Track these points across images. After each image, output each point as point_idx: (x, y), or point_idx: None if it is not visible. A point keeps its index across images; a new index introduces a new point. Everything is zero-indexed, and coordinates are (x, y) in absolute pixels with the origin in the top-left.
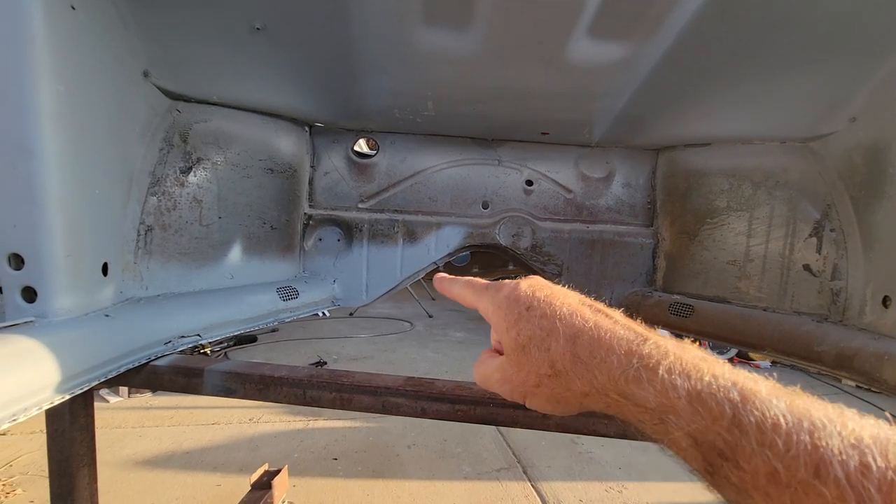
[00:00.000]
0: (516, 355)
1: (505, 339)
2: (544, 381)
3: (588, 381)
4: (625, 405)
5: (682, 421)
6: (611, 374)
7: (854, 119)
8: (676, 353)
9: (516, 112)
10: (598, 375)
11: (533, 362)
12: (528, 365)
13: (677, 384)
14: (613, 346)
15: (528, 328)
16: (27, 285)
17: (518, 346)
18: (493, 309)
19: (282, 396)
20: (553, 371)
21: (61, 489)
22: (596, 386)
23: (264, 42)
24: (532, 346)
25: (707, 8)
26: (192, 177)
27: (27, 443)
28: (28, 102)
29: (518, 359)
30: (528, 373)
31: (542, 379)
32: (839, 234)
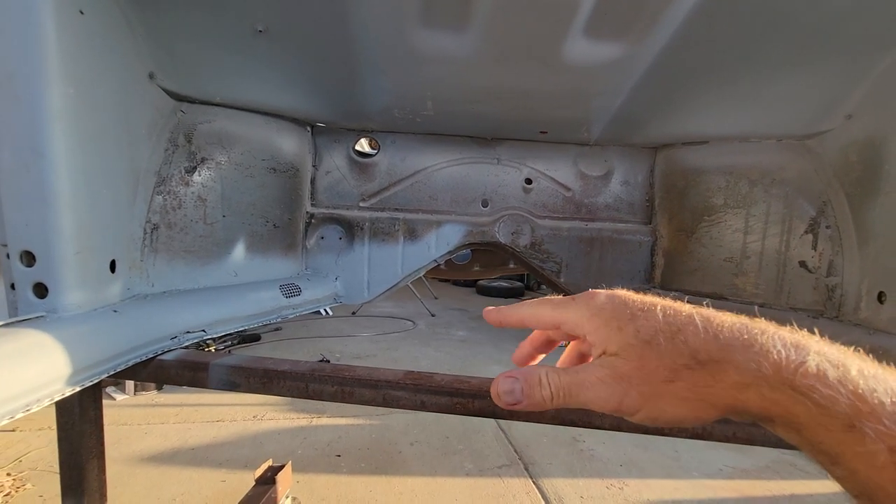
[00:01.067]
0: (639, 349)
1: (617, 337)
2: (682, 375)
3: (750, 371)
4: (797, 405)
5: (883, 430)
6: (782, 365)
7: (849, 116)
8: (850, 352)
9: (515, 111)
10: (765, 364)
11: (665, 354)
12: (656, 358)
13: (876, 386)
14: (772, 335)
15: (650, 324)
16: (38, 281)
17: (641, 340)
18: (591, 314)
19: (285, 390)
20: (695, 361)
21: (71, 480)
22: (761, 377)
23: (267, 44)
24: (661, 339)
25: (702, 7)
26: (197, 176)
27: (36, 439)
28: (39, 105)
29: (642, 352)
30: (657, 366)
31: (678, 372)
32: (835, 230)
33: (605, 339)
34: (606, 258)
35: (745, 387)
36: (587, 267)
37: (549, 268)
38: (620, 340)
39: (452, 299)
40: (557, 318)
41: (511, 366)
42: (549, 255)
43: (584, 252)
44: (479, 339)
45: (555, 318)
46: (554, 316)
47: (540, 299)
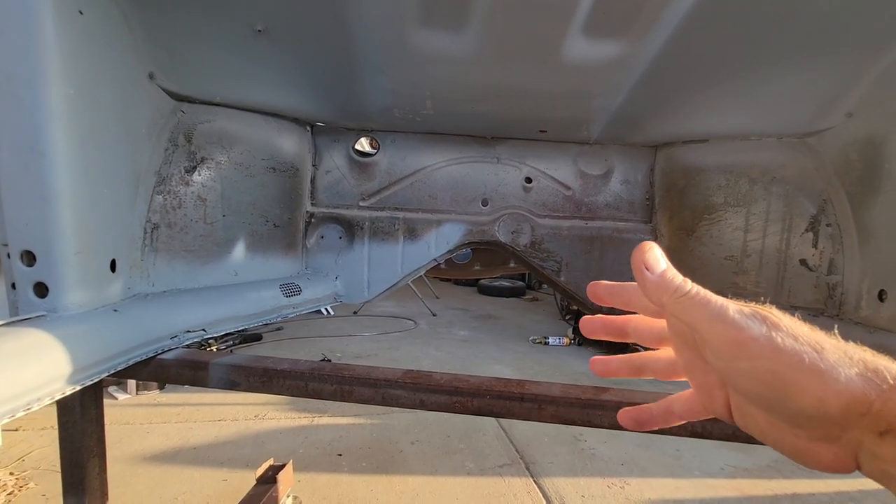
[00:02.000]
0: (787, 318)
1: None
2: (830, 354)
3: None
4: None
5: None
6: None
7: (850, 115)
8: None
9: (514, 110)
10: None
11: (812, 334)
12: (805, 331)
13: None
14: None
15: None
16: (39, 281)
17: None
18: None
19: (284, 389)
20: (845, 352)
21: (73, 479)
22: None
23: (266, 44)
24: (803, 323)
25: (701, 5)
26: (197, 176)
27: (38, 438)
28: (39, 105)
29: (790, 320)
30: (805, 333)
31: (826, 351)
32: (835, 229)
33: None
34: (606, 257)
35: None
36: (587, 266)
37: (550, 267)
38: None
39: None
40: (698, 319)
41: (509, 372)
42: (549, 254)
43: (585, 251)
44: (480, 338)
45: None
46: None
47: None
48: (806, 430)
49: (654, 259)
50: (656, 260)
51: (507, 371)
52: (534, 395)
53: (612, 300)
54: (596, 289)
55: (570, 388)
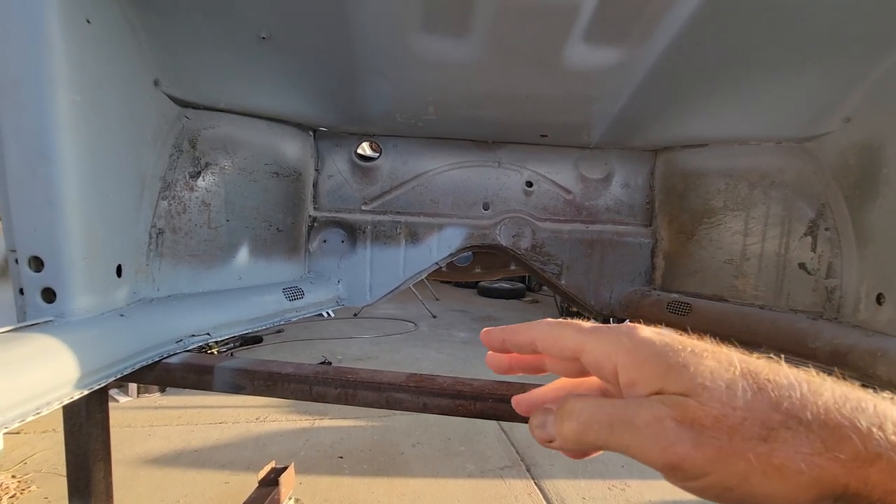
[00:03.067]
0: (719, 393)
1: (681, 375)
2: (780, 434)
3: (879, 441)
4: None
5: None
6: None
7: (848, 119)
8: None
9: (515, 115)
10: (891, 434)
11: (755, 405)
12: (744, 408)
13: None
14: (879, 401)
15: (725, 366)
16: (47, 286)
17: (719, 383)
18: (633, 346)
19: (289, 392)
20: (797, 421)
21: (78, 483)
22: (892, 448)
23: (270, 51)
24: (745, 385)
25: (701, 12)
26: (201, 181)
27: (40, 441)
28: (47, 111)
29: (722, 397)
30: (745, 418)
31: (774, 431)
32: (834, 232)
33: (659, 376)
34: (607, 260)
35: (871, 461)
36: (588, 269)
37: (550, 270)
38: (687, 379)
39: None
40: (581, 344)
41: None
42: (549, 257)
43: (585, 254)
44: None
45: (577, 344)
46: (577, 340)
47: (559, 320)
48: None
49: (540, 424)
50: (541, 424)
51: None
52: None
53: (514, 348)
54: (489, 338)
55: None
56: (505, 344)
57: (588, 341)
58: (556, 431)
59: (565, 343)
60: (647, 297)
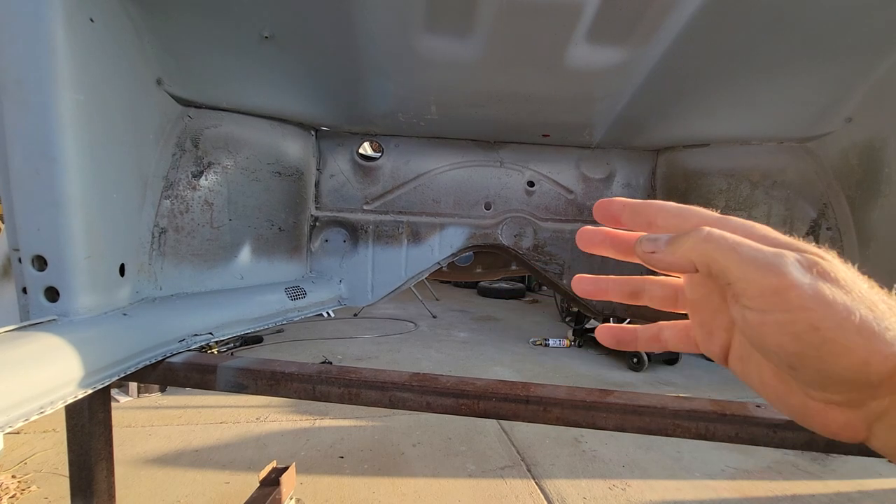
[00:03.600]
0: (835, 264)
1: (810, 247)
2: (884, 313)
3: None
4: None
5: None
6: None
7: (850, 119)
8: None
9: (517, 115)
10: None
11: (865, 289)
12: (853, 283)
13: None
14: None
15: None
16: (50, 285)
17: (837, 260)
18: (764, 231)
19: (292, 392)
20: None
21: (81, 482)
22: None
23: (272, 50)
24: (856, 278)
25: (703, 12)
26: (204, 180)
27: (40, 441)
28: (50, 111)
29: (839, 267)
30: (853, 287)
31: (878, 308)
32: (835, 232)
33: (790, 243)
34: (609, 260)
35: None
36: (589, 269)
37: (552, 270)
38: (814, 249)
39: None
40: (710, 220)
41: (509, 373)
42: (551, 257)
43: (587, 254)
44: (480, 340)
45: (704, 219)
46: (706, 217)
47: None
48: (826, 393)
49: (653, 239)
50: (654, 239)
51: (507, 373)
52: (539, 397)
53: (631, 219)
54: (607, 205)
55: (575, 390)
56: (622, 211)
57: (718, 221)
58: (672, 242)
59: (690, 217)
60: None
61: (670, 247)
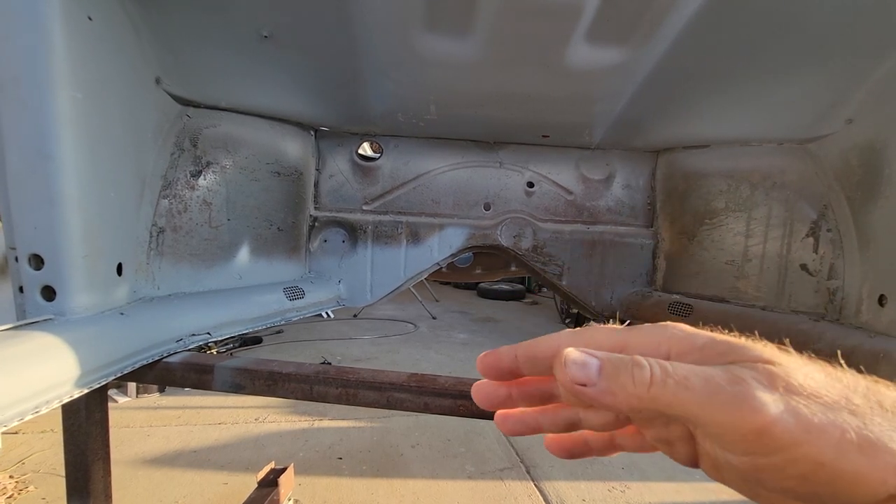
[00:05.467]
0: (796, 364)
1: (755, 349)
2: (865, 413)
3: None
4: None
5: None
6: None
7: (850, 121)
8: None
9: (517, 115)
10: None
11: (833, 384)
12: (824, 383)
13: None
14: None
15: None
16: (47, 284)
17: (794, 357)
18: (683, 335)
19: (289, 392)
20: (881, 405)
21: (77, 482)
22: None
23: (271, 50)
24: (818, 370)
25: (703, 13)
26: (202, 180)
27: (38, 441)
28: (48, 109)
29: (802, 368)
30: (828, 390)
31: (859, 409)
32: (836, 234)
33: (725, 353)
34: (608, 261)
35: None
36: (589, 270)
37: (551, 271)
38: (760, 351)
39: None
40: (623, 339)
41: None
42: (550, 258)
43: (586, 255)
44: (480, 341)
45: (617, 341)
46: (616, 338)
47: (583, 328)
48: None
49: (579, 365)
50: (586, 365)
51: None
52: None
53: (530, 369)
54: (495, 360)
55: None
56: (517, 361)
57: (631, 336)
58: (609, 378)
59: (600, 343)
60: (648, 298)
61: (606, 383)
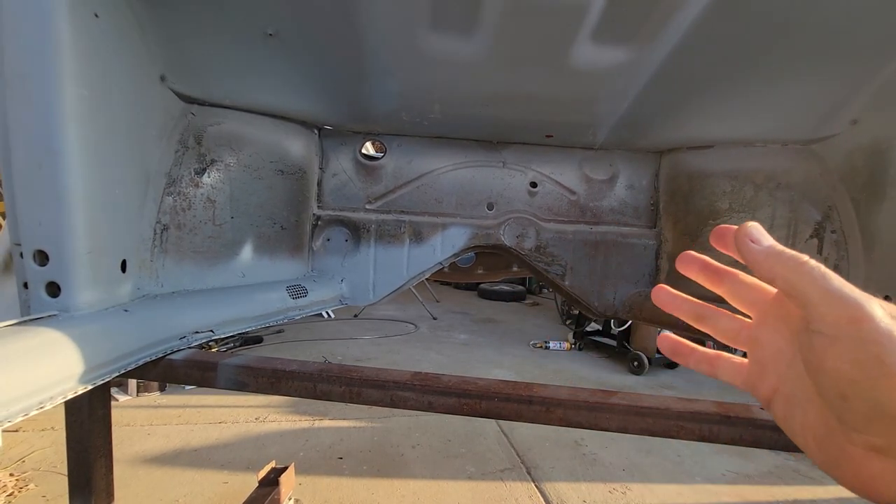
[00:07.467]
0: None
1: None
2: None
3: None
4: None
5: None
6: None
7: (855, 121)
8: None
9: (521, 115)
10: None
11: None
12: None
13: None
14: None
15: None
16: (51, 280)
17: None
18: None
19: (293, 390)
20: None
21: (79, 479)
22: None
23: (276, 48)
24: None
25: (708, 13)
26: (206, 178)
27: (39, 439)
28: (54, 106)
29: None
30: None
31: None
32: (840, 235)
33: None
34: (611, 262)
35: None
36: (592, 270)
37: (554, 271)
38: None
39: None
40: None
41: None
42: (553, 258)
43: (589, 255)
44: (480, 342)
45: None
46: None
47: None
48: (869, 435)
49: (761, 233)
50: (763, 234)
51: (507, 375)
52: (542, 397)
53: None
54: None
55: (578, 391)
56: (714, 254)
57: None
58: (773, 249)
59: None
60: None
61: (771, 250)
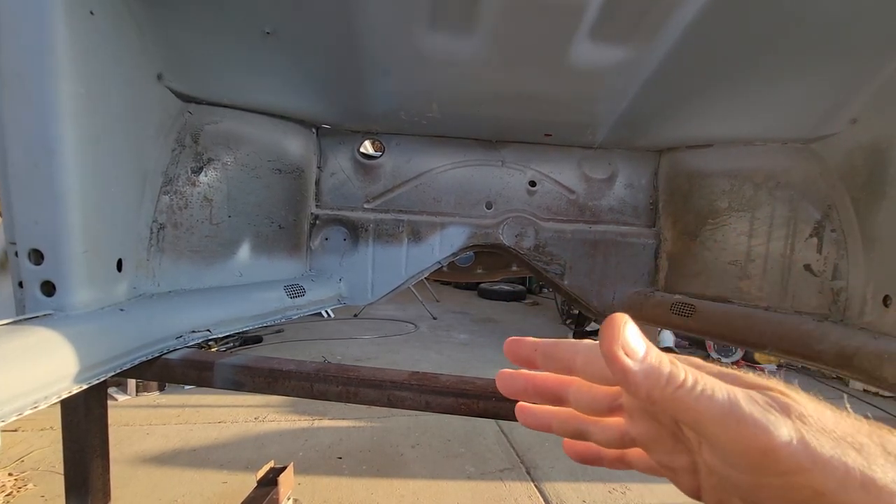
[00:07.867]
0: (804, 398)
1: (769, 383)
2: (870, 452)
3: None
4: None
5: None
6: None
7: (855, 120)
8: None
9: (520, 114)
10: None
11: (841, 421)
12: (832, 420)
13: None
14: None
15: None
16: (46, 280)
17: (803, 394)
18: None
19: (290, 389)
20: (884, 448)
21: (76, 479)
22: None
23: (274, 46)
24: (826, 408)
25: (707, 11)
26: (203, 177)
27: (38, 439)
28: (50, 104)
29: (810, 402)
30: (836, 426)
31: (865, 448)
32: (840, 234)
33: (742, 384)
34: (610, 261)
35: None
36: (591, 270)
37: (553, 270)
38: (774, 384)
39: (454, 302)
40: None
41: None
42: (552, 257)
43: (588, 255)
44: (480, 342)
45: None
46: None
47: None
48: None
49: (634, 338)
50: (636, 340)
51: None
52: None
53: (545, 364)
54: (517, 347)
55: None
56: (534, 356)
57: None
58: (652, 368)
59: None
60: (650, 298)
61: (647, 367)
